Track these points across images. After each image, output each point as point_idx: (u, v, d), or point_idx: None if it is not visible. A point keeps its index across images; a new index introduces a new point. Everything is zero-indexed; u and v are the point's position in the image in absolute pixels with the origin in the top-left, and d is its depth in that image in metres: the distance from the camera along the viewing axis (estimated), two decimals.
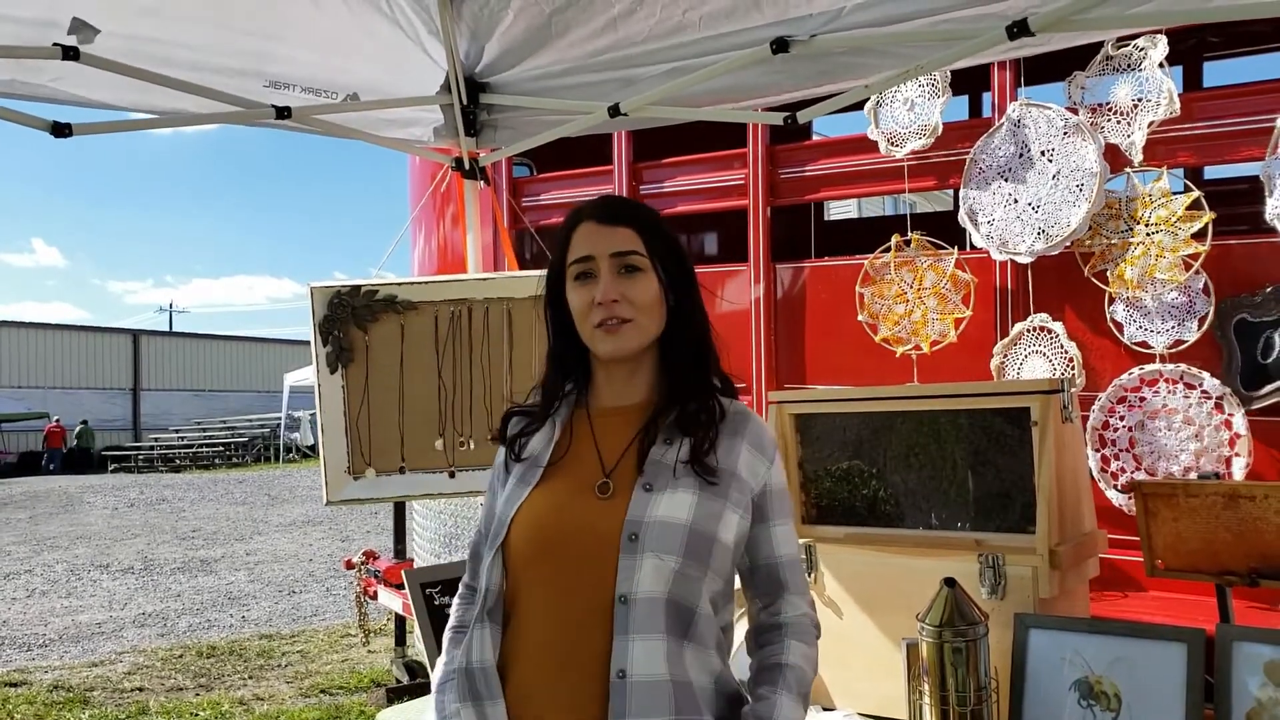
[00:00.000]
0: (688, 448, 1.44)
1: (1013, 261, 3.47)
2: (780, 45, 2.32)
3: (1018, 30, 1.94)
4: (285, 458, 27.11)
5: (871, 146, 3.82)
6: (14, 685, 5.89)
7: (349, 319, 2.92)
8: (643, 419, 1.49)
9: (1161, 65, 3.16)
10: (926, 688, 1.83)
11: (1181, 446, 3.10)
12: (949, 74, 3.56)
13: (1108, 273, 3.25)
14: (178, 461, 26.77)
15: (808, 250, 5.29)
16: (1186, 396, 3.10)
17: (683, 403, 1.48)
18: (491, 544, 1.47)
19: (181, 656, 6.50)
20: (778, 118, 2.53)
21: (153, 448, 28.06)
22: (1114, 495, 3.21)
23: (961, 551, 2.10)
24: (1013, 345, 3.48)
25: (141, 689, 5.78)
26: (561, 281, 1.52)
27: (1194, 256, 3.09)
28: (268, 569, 9.85)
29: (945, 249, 3.65)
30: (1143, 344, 3.21)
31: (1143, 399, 3.18)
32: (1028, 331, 3.45)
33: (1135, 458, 3.19)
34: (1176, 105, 3.13)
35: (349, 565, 5.40)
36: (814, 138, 5.98)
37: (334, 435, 2.92)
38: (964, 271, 3.58)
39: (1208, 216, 3.07)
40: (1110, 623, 1.90)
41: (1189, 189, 3.13)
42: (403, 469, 2.96)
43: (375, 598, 5.19)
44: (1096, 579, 2.26)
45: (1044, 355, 3.41)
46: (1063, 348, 3.36)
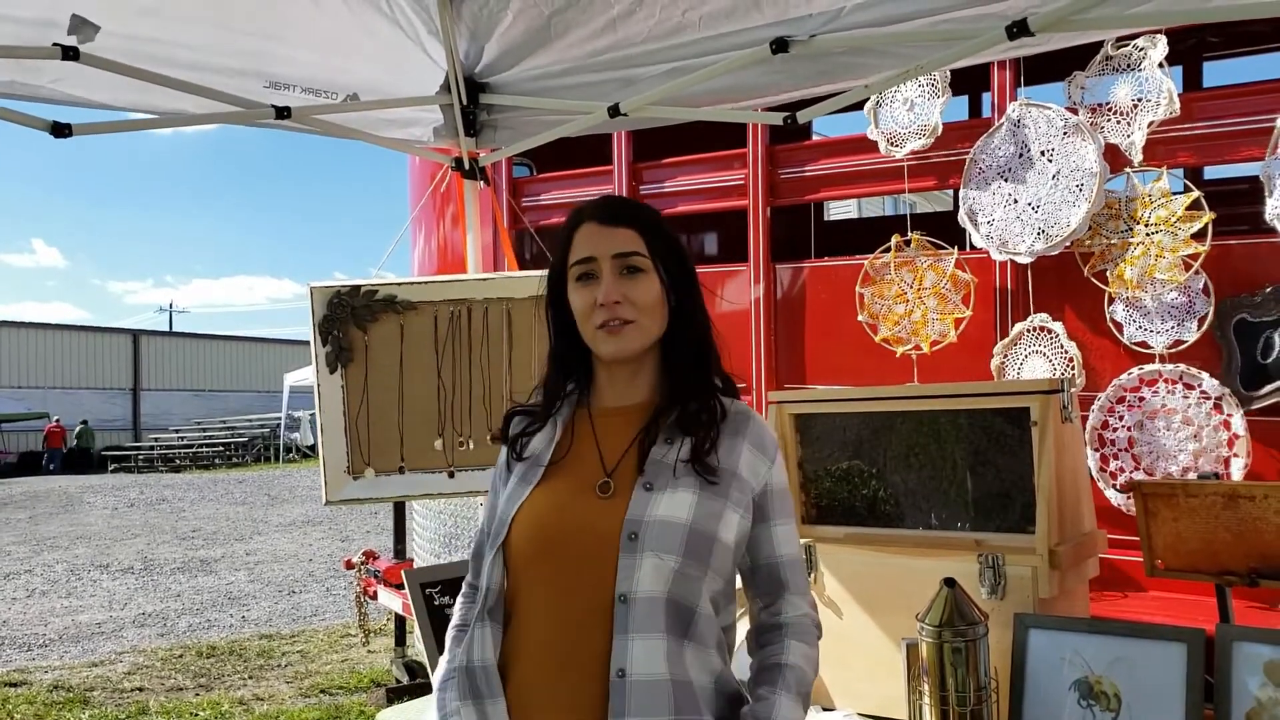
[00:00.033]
0: (689, 447, 1.45)
1: (1012, 261, 3.47)
2: (780, 45, 2.32)
3: (1017, 30, 1.94)
4: (285, 458, 27.10)
5: (871, 146, 3.83)
6: (14, 685, 5.89)
7: (349, 319, 2.92)
8: (644, 419, 1.49)
9: (1161, 65, 3.16)
10: (926, 688, 1.83)
11: (1180, 447, 3.10)
12: (949, 74, 3.56)
13: (1107, 273, 3.25)
14: (178, 461, 26.77)
15: (808, 250, 5.29)
16: (1185, 397, 3.11)
17: (684, 403, 1.48)
18: (492, 543, 1.48)
19: (181, 656, 6.50)
20: (777, 118, 2.53)
21: (153, 448, 28.06)
22: (1113, 495, 3.21)
23: (961, 551, 2.10)
24: (1013, 345, 3.48)
25: (141, 689, 5.78)
26: (563, 282, 1.52)
27: (1194, 257, 3.09)
28: (268, 569, 9.85)
29: (945, 249, 3.65)
30: (1142, 344, 3.21)
31: (1142, 399, 3.18)
32: (1028, 331, 3.45)
33: (1134, 458, 3.19)
34: (1176, 105, 3.13)
35: (349, 565, 5.41)
36: (814, 138, 5.97)
37: (333, 435, 2.92)
38: (964, 271, 3.58)
39: (1207, 216, 3.07)
40: (1110, 623, 1.90)
41: (1189, 189, 3.13)
42: (402, 469, 2.96)
43: (375, 598, 5.19)
44: (1096, 579, 2.26)
45: (1044, 355, 3.41)
46: (1062, 348, 3.36)
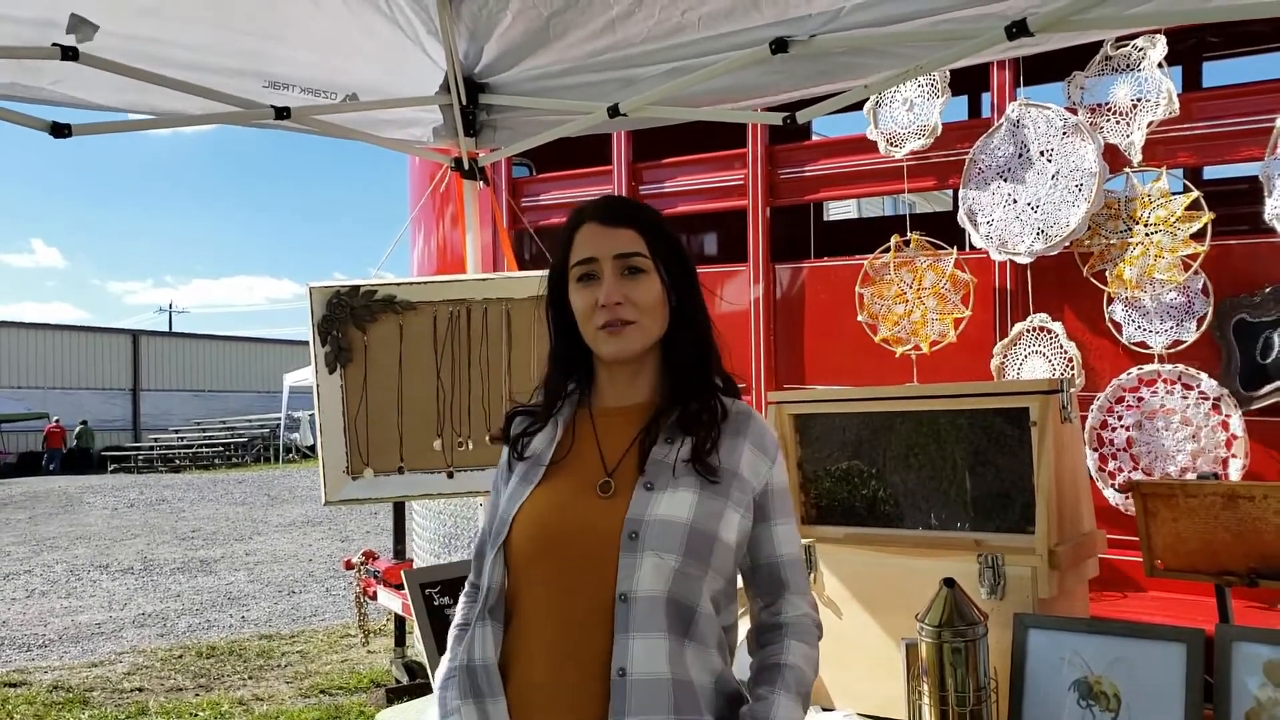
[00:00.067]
0: (689, 447, 1.45)
1: (1012, 262, 3.47)
2: (779, 45, 2.32)
3: (1017, 30, 1.94)
4: (285, 458, 27.10)
5: (871, 147, 3.83)
6: (14, 685, 5.89)
7: (348, 319, 2.92)
8: (645, 419, 1.49)
9: (1161, 65, 3.17)
10: (926, 688, 1.83)
11: (1179, 447, 3.10)
12: (948, 74, 3.57)
13: (1106, 273, 3.25)
14: (177, 462, 26.76)
15: (807, 250, 5.30)
16: (1184, 397, 3.11)
17: (685, 403, 1.48)
18: (494, 542, 1.48)
19: (181, 657, 6.50)
20: (777, 118, 2.53)
21: (152, 448, 28.06)
22: (1112, 495, 3.21)
23: (961, 552, 2.10)
24: (1012, 345, 3.48)
25: (141, 689, 5.78)
26: (564, 282, 1.52)
27: (1193, 257, 3.09)
28: (267, 569, 9.85)
29: (945, 249, 3.65)
30: (1141, 344, 3.21)
31: (1141, 399, 3.18)
32: (1027, 332, 3.45)
33: (1133, 458, 3.19)
34: (1175, 105, 3.13)
35: (349, 566, 5.40)
36: (813, 138, 5.97)
37: (332, 435, 2.92)
38: (963, 272, 3.58)
39: (1207, 217, 3.07)
40: (1109, 623, 1.90)
41: (1188, 189, 3.13)
42: (401, 469, 2.96)
43: (375, 598, 5.19)
44: (1096, 579, 2.26)
45: (1043, 355, 3.41)
46: (1062, 348, 3.36)
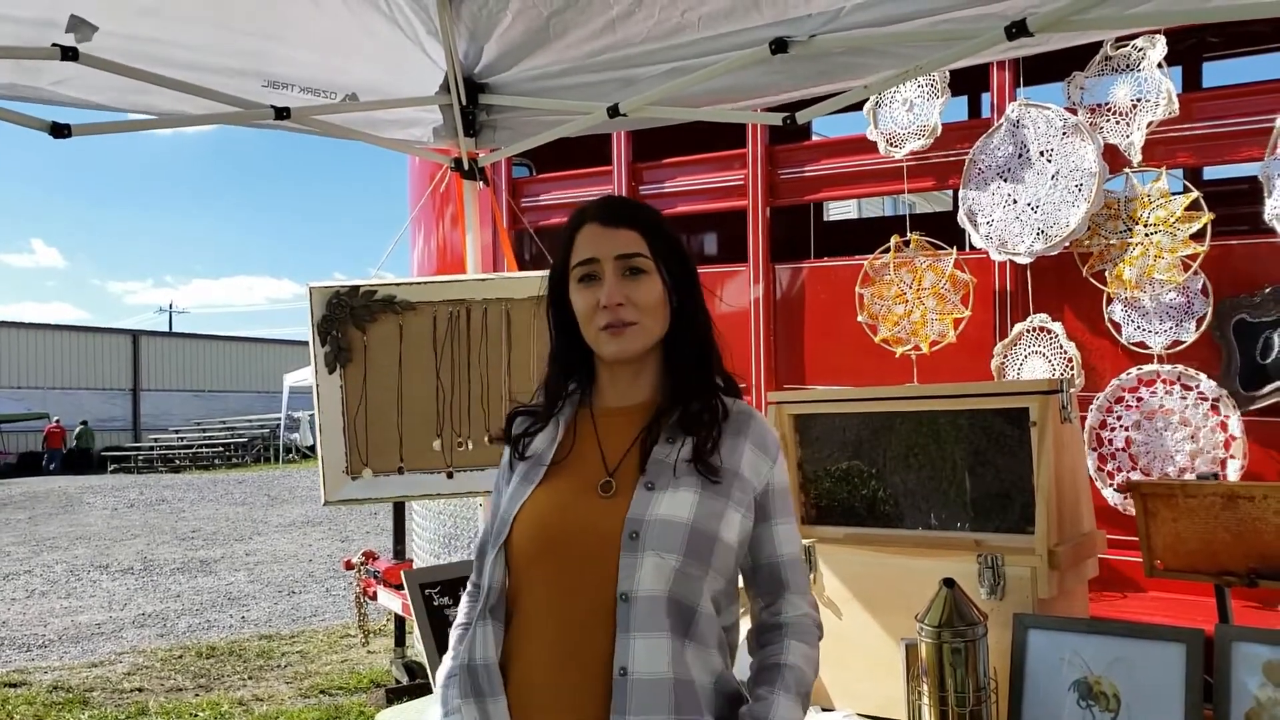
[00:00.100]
0: (690, 447, 1.45)
1: (1012, 262, 3.47)
2: (779, 45, 2.32)
3: (1016, 31, 1.94)
4: (285, 458, 27.09)
5: (871, 147, 3.83)
6: (14, 685, 5.89)
7: (347, 319, 2.92)
8: (646, 419, 1.49)
9: (1160, 65, 3.17)
10: (925, 688, 1.83)
11: (1178, 447, 3.10)
12: (948, 74, 3.57)
13: (1106, 273, 3.26)
14: (177, 462, 26.75)
15: (807, 251, 5.30)
16: (1183, 398, 3.11)
17: (686, 402, 1.48)
18: (495, 542, 1.48)
19: (181, 657, 6.50)
20: (777, 118, 2.53)
21: (152, 448, 28.05)
22: (1111, 495, 3.21)
23: (961, 552, 2.10)
24: (1013, 345, 3.48)
25: (141, 689, 5.77)
26: (564, 283, 1.52)
27: (1192, 257, 3.10)
28: (267, 569, 9.84)
29: (944, 249, 3.65)
30: (1141, 344, 3.21)
31: (1140, 399, 3.18)
32: (1027, 332, 3.45)
33: (1131, 458, 3.19)
34: (1175, 105, 3.13)
35: (348, 566, 5.40)
36: (813, 138, 5.98)
37: (332, 435, 2.92)
38: (963, 272, 3.59)
39: (1206, 217, 3.07)
40: (1109, 623, 1.90)
41: (1188, 189, 3.13)
42: (401, 469, 2.96)
43: (375, 598, 5.19)
44: (1095, 579, 2.26)
45: (1043, 355, 3.41)
46: (1062, 348, 3.36)
